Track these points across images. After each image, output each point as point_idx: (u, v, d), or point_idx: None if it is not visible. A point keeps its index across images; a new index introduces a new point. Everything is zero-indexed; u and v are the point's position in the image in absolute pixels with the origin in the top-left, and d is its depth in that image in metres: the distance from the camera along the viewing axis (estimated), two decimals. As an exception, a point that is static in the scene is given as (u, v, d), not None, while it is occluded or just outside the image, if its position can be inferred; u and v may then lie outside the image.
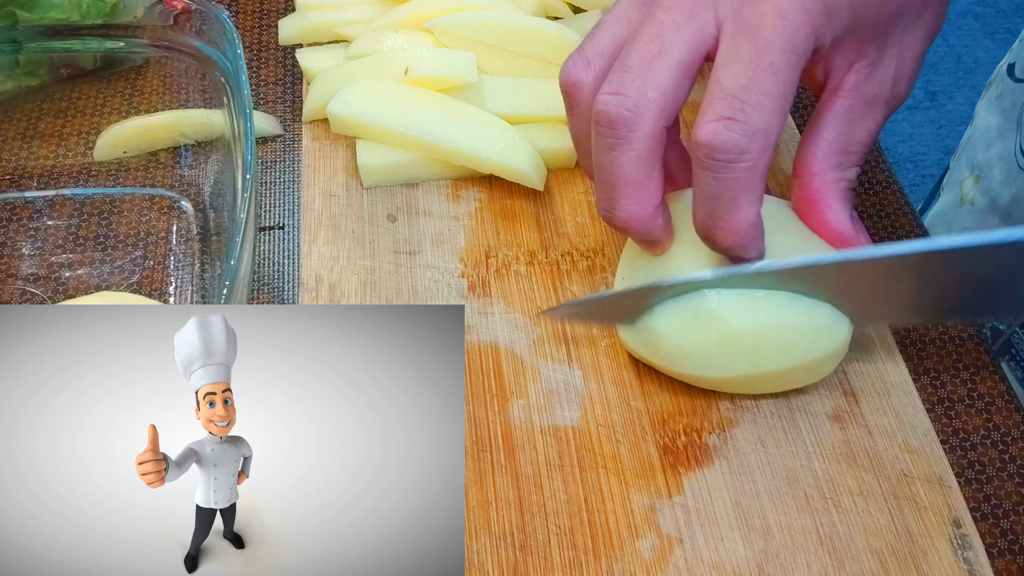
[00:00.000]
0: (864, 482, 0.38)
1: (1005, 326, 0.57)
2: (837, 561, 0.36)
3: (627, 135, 0.35)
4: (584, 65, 0.37)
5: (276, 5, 0.58)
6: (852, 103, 0.37)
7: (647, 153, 0.35)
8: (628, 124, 0.34)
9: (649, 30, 0.35)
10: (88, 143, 0.49)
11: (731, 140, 0.32)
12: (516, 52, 0.49)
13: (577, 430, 0.39)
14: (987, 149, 0.60)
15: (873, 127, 0.38)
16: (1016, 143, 0.57)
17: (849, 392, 0.41)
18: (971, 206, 0.61)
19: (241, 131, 0.38)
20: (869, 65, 0.37)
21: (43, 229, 0.47)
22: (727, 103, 0.32)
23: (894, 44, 0.37)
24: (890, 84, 0.37)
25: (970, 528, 0.37)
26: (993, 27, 1.92)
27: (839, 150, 0.38)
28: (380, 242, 0.46)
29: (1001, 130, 0.59)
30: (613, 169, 0.36)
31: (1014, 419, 0.41)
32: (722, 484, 0.38)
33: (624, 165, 0.35)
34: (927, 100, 1.83)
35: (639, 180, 0.36)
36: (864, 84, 0.37)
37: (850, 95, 0.37)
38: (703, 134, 0.33)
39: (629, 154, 0.35)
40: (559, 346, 0.42)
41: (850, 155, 0.38)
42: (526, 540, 0.36)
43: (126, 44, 0.44)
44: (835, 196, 0.38)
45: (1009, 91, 0.59)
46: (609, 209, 0.37)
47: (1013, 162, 0.57)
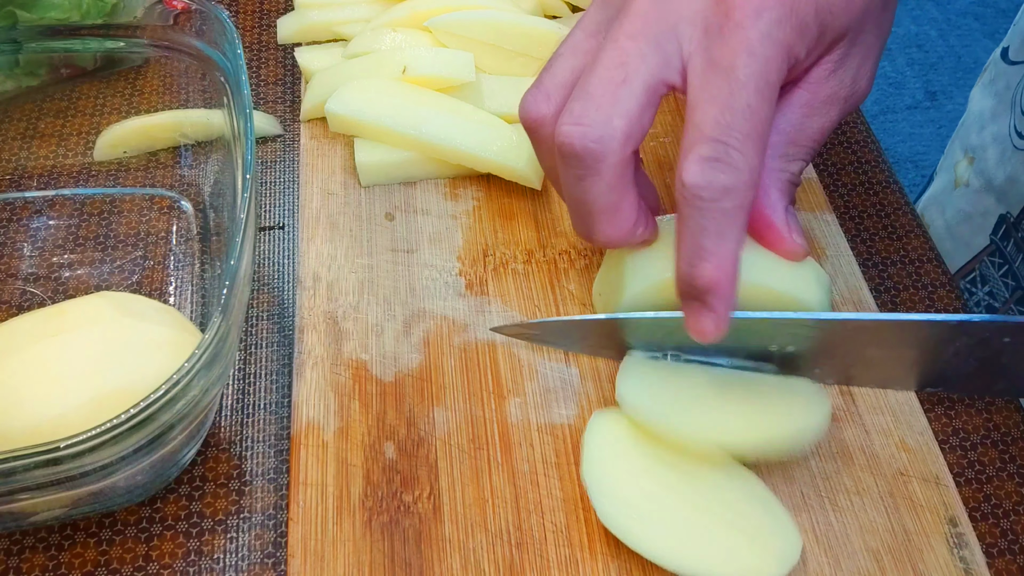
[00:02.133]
0: (860, 481, 0.38)
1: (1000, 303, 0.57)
2: (833, 559, 0.36)
3: (594, 166, 0.34)
4: (544, 99, 0.36)
5: (276, 5, 0.58)
6: (811, 96, 0.37)
7: (617, 181, 0.34)
8: (594, 156, 0.34)
9: (612, 57, 0.34)
10: (88, 143, 0.50)
11: (717, 180, 0.32)
12: (514, 51, 0.49)
13: (574, 428, 0.40)
14: (981, 131, 0.61)
15: (827, 124, 0.37)
16: (1011, 123, 0.57)
17: (846, 390, 0.41)
18: (965, 187, 0.62)
19: (241, 131, 0.38)
20: (835, 62, 0.36)
21: (43, 229, 0.47)
22: (710, 146, 0.32)
23: (860, 44, 0.37)
24: (850, 82, 0.37)
25: (966, 527, 0.37)
26: (993, 27, 1.92)
27: (788, 140, 0.37)
28: (378, 240, 0.46)
29: (995, 111, 0.59)
30: (585, 199, 0.35)
31: (1014, 419, 0.41)
32: (719, 482, 0.38)
33: (596, 195, 0.35)
34: (927, 100, 1.83)
35: (612, 206, 0.35)
36: (827, 80, 0.37)
37: (811, 88, 0.37)
38: (689, 175, 0.32)
39: (599, 184, 0.35)
40: (556, 345, 0.42)
41: (799, 147, 0.37)
42: (522, 538, 0.37)
43: (126, 44, 0.45)
44: (775, 186, 0.37)
45: (1003, 73, 0.60)
46: (587, 234, 0.37)
47: (1008, 142, 0.57)
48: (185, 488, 0.38)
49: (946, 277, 0.46)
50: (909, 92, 1.85)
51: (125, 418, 0.30)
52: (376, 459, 0.38)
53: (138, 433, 0.30)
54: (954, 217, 0.62)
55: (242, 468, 0.39)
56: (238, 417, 0.40)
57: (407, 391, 0.40)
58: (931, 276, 0.46)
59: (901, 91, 1.86)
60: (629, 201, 0.36)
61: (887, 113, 1.82)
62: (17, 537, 0.37)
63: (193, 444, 0.37)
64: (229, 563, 0.37)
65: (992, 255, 0.57)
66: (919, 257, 0.47)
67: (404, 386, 0.41)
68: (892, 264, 0.47)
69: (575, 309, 0.43)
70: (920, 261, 0.47)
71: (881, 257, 0.47)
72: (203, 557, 0.37)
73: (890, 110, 1.83)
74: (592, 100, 0.34)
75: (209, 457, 0.39)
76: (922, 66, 1.88)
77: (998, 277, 0.57)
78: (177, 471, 0.38)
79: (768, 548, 0.35)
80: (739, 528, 0.35)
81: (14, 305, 0.44)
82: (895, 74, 1.88)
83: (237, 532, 0.37)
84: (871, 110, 1.81)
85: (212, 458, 0.39)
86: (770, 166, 0.37)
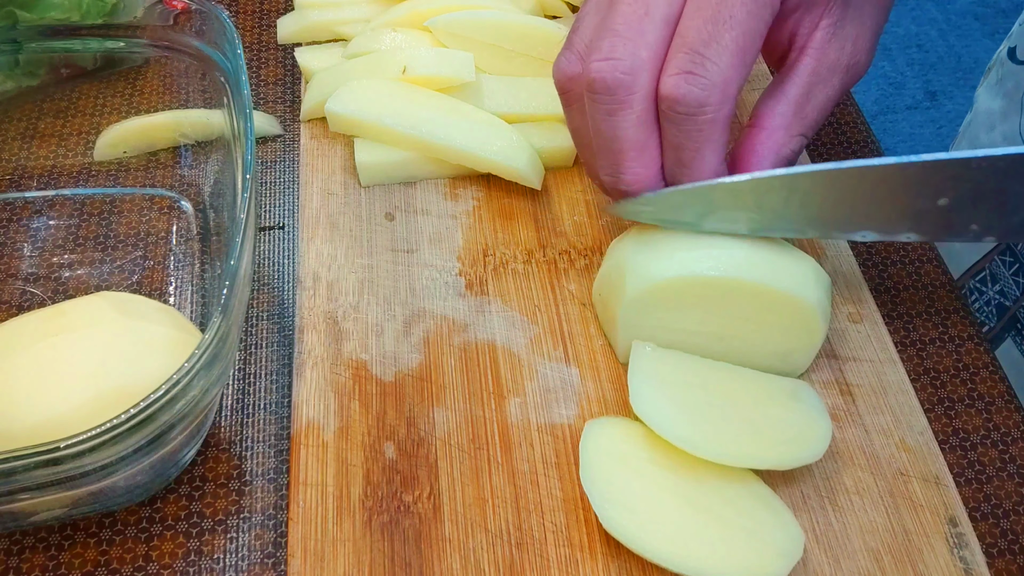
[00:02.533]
0: (860, 480, 0.38)
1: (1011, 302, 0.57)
2: (833, 559, 0.36)
3: (626, 98, 0.35)
4: (577, 59, 0.37)
5: (276, 5, 0.58)
6: (816, 63, 0.38)
7: (646, 115, 0.35)
8: (626, 87, 0.35)
9: None
10: (88, 143, 0.50)
11: (691, 94, 0.33)
12: (514, 51, 0.49)
13: (574, 428, 0.40)
14: (990, 131, 0.61)
15: (832, 94, 0.39)
16: (1020, 123, 0.57)
17: (846, 391, 0.41)
18: None
19: (241, 131, 0.38)
20: (834, 25, 0.37)
21: (43, 229, 0.47)
22: (688, 57, 0.33)
23: (856, 9, 0.38)
24: (851, 49, 0.38)
25: (966, 527, 0.37)
26: (993, 27, 1.92)
27: (795, 110, 0.38)
28: (378, 240, 0.46)
29: (1004, 112, 0.60)
30: (616, 135, 0.36)
31: (1014, 419, 0.41)
32: (719, 482, 0.38)
33: (626, 129, 0.36)
34: (927, 100, 1.83)
35: (641, 142, 0.36)
36: (828, 44, 0.38)
37: (815, 54, 0.38)
38: (665, 88, 0.34)
39: (630, 117, 0.35)
40: (556, 344, 0.42)
41: (803, 119, 0.38)
42: (522, 538, 0.37)
43: (126, 44, 0.45)
44: (772, 156, 0.38)
45: (1011, 74, 0.60)
46: (614, 174, 0.38)
47: (1018, 141, 0.57)
48: (185, 488, 0.38)
49: (946, 277, 0.47)
50: (909, 92, 1.85)
51: (125, 418, 0.30)
52: (376, 459, 0.38)
53: (138, 433, 0.30)
54: None
55: (242, 468, 0.39)
56: (238, 417, 0.40)
57: (407, 391, 0.40)
58: (931, 276, 0.46)
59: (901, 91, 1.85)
60: (656, 140, 0.36)
61: (887, 113, 1.82)
62: (17, 537, 0.37)
63: (193, 444, 0.37)
64: (229, 563, 0.37)
65: (1003, 254, 0.57)
66: (919, 257, 0.47)
67: (404, 386, 0.41)
68: (892, 264, 0.47)
69: (575, 309, 0.43)
70: (920, 261, 0.47)
71: (881, 257, 0.47)
72: (203, 557, 0.37)
73: (890, 110, 1.82)
74: (618, 35, 0.35)
75: (209, 457, 0.39)
76: (922, 66, 1.88)
77: (1009, 276, 0.57)
78: (177, 471, 0.38)
79: (770, 545, 0.35)
80: (739, 526, 0.35)
81: (14, 305, 0.44)
82: (895, 74, 1.88)
83: (237, 532, 0.37)
84: (871, 110, 1.81)
85: (212, 458, 0.39)
86: (775, 136, 0.38)
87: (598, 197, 0.48)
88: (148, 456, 0.32)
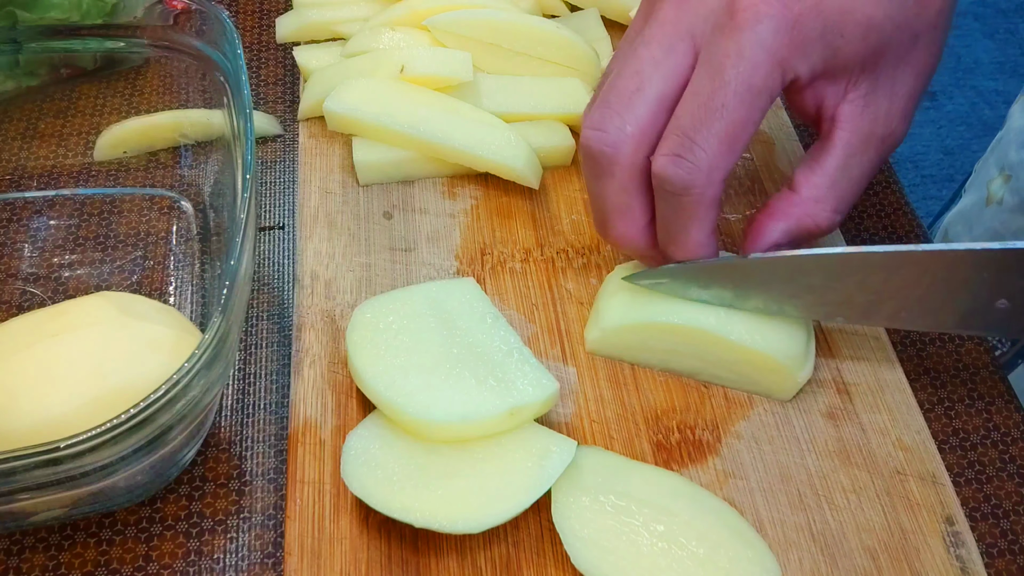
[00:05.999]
0: (857, 479, 0.39)
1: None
2: (830, 558, 0.36)
3: (608, 168, 0.37)
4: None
5: (276, 5, 0.59)
6: (849, 135, 0.37)
7: (630, 183, 0.37)
8: (608, 158, 0.36)
9: (630, 65, 0.36)
10: (88, 143, 0.50)
11: (677, 176, 0.35)
12: (513, 50, 0.49)
13: (571, 426, 0.40)
14: (1020, 149, 0.61)
15: (867, 167, 0.38)
16: None
17: (843, 389, 0.41)
18: (998, 205, 0.62)
19: (241, 131, 0.38)
20: (863, 97, 0.37)
21: (43, 229, 0.47)
22: (678, 140, 0.35)
23: (886, 80, 0.37)
24: (884, 120, 0.37)
25: (963, 526, 0.37)
26: (993, 27, 1.92)
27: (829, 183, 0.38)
28: (376, 239, 0.46)
29: None
30: (601, 195, 0.38)
31: (1014, 419, 0.41)
32: (715, 481, 0.38)
33: (609, 194, 0.38)
34: (927, 100, 1.83)
35: (624, 206, 0.38)
36: (860, 117, 0.37)
37: (848, 127, 0.37)
38: (656, 166, 0.35)
39: (612, 184, 0.37)
40: (554, 343, 0.42)
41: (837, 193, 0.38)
42: (519, 536, 0.37)
43: (126, 44, 0.45)
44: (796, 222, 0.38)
45: None
46: (602, 230, 0.40)
47: None
48: (185, 488, 0.38)
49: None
50: (909, 91, 1.85)
51: (125, 418, 0.30)
52: (375, 458, 0.38)
53: (138, 433, 0.30)
54: (983, 235, 0.62)
55: (242, 468, 0.39)
56: (238, 417, 0.41)
57: (406, 390, 0.40)
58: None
59: (901, 90, 1.85)
60: (640, 204, 0.38)
61: (887, 112, 1.81)
62: (17, 537, 0.37)
63: (193, 444, 0.37)
64: (229, 563, 0.37)
65: None
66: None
67: (403, 385, 0.41)
68: (890, 263, 0.47)
69: (573, 308, 0.43)
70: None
71: (879, 256, 0.47)
72: (203, 557, 0.37)
73: (890, 109, 1.82)
74: (609, 107, 0.36)
75: (209, 457, 0.39)
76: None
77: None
78: (177, 471, 0.38)
79: None
80: (714, 562, 0.35)
81: (14, 305, 0.44)
82: (895, 73, 1.87)
83: (237, 532, 0.37)
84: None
85: (212, 458, 0.39)
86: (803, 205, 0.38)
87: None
88: (148, 456, 0.32)
